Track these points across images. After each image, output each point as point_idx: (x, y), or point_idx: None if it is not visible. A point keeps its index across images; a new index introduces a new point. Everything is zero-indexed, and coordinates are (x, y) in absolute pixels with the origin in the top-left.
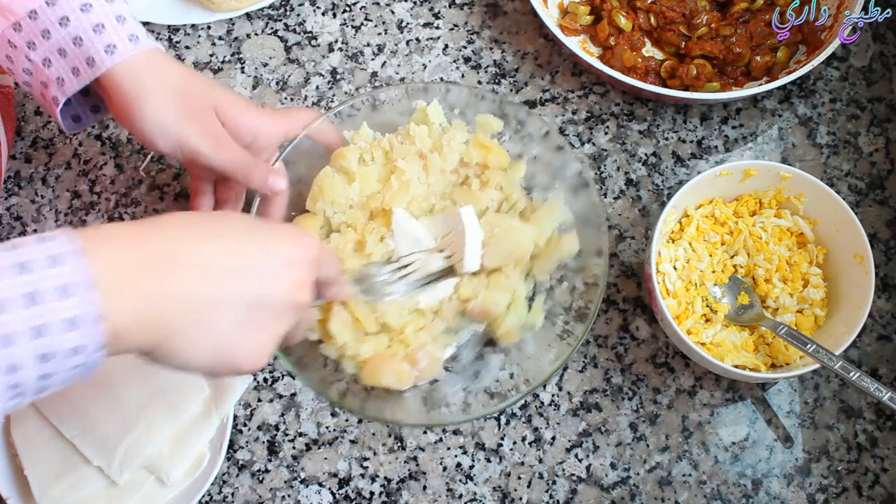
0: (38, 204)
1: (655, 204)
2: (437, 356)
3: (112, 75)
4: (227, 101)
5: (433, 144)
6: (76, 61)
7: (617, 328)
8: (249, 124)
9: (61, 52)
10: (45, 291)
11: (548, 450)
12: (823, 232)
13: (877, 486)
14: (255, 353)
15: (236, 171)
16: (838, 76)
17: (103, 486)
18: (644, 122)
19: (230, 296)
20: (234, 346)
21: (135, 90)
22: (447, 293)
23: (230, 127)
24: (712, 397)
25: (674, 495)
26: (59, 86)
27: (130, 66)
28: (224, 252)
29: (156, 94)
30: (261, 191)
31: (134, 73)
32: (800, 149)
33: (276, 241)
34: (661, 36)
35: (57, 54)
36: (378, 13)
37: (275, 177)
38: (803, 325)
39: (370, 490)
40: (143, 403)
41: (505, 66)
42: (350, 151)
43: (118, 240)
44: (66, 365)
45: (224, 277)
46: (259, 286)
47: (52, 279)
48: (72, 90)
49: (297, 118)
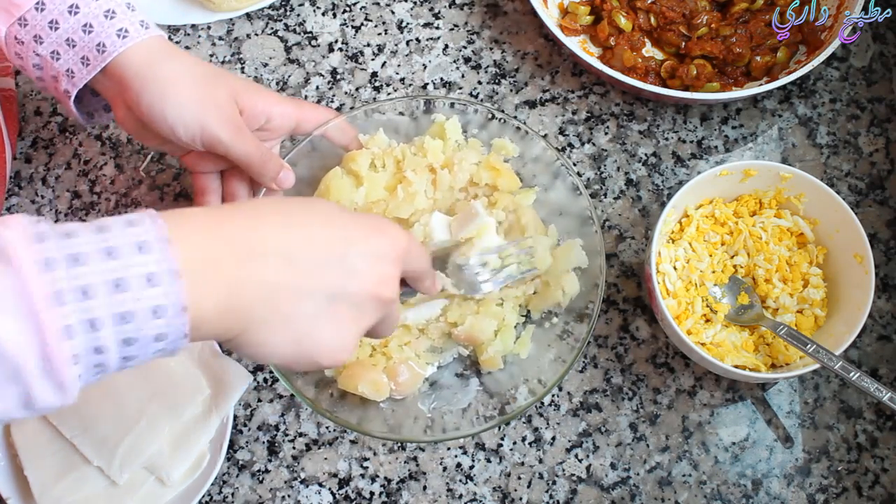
0: (38, 204)
1: (655, 204)
2: (419, 372)
3: (125, 61)
4: (242, 88)
5: (445, 161)
6: (85, 49)
7: (617, 328)
8: (263, 106)
9: (69, 42)
10: (131, 279)
11: (548, 450)
12: (823, 232)
13: (877, 486)
14: (336, 346)
15: (252, 161)
16: (838, 76)
17: (103, 486)
18: (644, 122)
19: (311, 286)
20: (314, 338)
21: (154, 74)
22: (435, 313)
23: (246, 112)
24: (712, 397)
25: (674, 495)
26: (70, 78)
27: (145, 50)
28: (309, 241)
29: (178, 78)
30: (269, 184)
31: (149, 57)
32: (800, 149)
33: (363, 233)
34: (661, 36)
35: (65, 45)
36: (378, 13)
37: (286, 172)
38: (803, 325)
39: (370, 490)
40: (143, 403)
41: (505, 66)
42: (362, 156)
43: (204, 226)
44: (149, 350)
45: (307, 267)
46: (342, 278)
47: (139, 267)
48: (82, 81)
49: (310, 107)
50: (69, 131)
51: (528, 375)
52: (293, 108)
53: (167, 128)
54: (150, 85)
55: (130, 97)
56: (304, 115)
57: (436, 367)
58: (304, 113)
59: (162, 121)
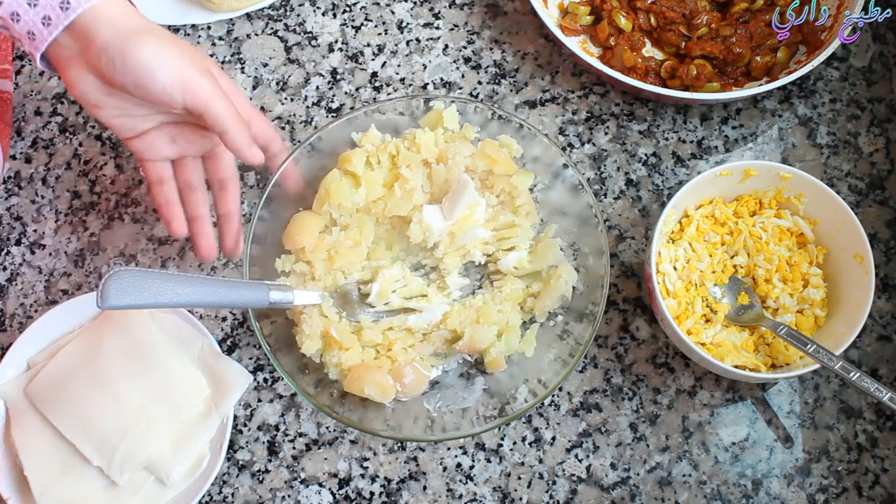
0: (38, 204)
1: (655, 204)
2: (424, 373)
3: (94, 14)
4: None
5: (439, 154)
6: (48, 9)
7: (617, 328)
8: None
9: (31, 3)
10: None
11: (548, 450)
12: (823, 232)
13: (877, 486)
14: None
15: (229, 120)
16: (838, 76)
17: (103, 486)
18: (644, 122)
19: None
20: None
21: (128, 24)
22: (436, 318)
23: None
24: (712, 397)
25: (674, 495)
26: (31, 41)
27: (114, 6)
28: None
29: (155, 28)
30: (244, 152)
31: (123, 10)
32: (800, 149)
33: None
34: (661, 36)
35: (26, 6)
36: (378, 13)
37: (258, 150)
38: (803, 325)
39: (370, 490)
40: (143, 403)
41: (505, 66)
42: (357, 155)
43: None
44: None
45: None
46: None
47: None
48: (44, 43)
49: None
50: (69, 131)
51: (528, 375)
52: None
53: (144, 75)
54: (125, 33)
55: (94, 53)
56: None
57: (440, 370)
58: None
59: (138, 67)
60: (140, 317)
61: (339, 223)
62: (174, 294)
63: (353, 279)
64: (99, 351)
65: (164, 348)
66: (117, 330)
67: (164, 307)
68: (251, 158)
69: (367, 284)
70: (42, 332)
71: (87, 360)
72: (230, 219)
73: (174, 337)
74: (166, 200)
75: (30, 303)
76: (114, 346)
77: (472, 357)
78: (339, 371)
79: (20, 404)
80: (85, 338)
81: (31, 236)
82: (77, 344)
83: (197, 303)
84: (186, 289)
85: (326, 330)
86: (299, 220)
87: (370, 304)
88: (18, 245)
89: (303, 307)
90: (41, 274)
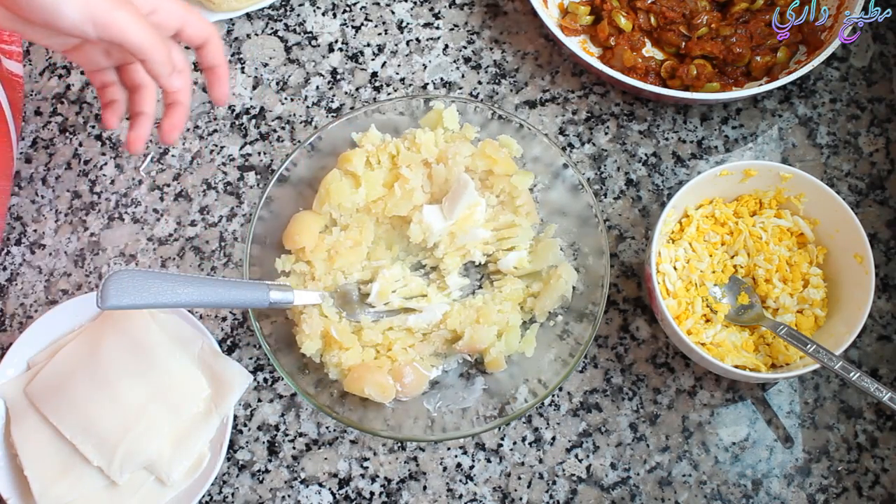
0: (38, 204)
1: (655, 204)
2: (424, 373)
3: None
4: None
5: (439, 154)
6: None
7: (617, 328)
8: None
9: None
10: None
11: (548, 450)
12: (823, 232)
13: (877, 486)
14: None
15: (152, 48)
16: (838, 76)
17: (103, 486)
18: (644, 122)
19: None
20: None
21: None
22: (436, 318)
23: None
24: (712, 397)
25: (674, 495)
26: None
27: None
28: None
29: None
30: (167, 81)
31: None
32: (800, 149)
33: None
34: (661, 36)
35: None
36: (378, 13)
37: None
38: (803, 325)
39: (370, 490)
40: (143, 403)
41: (505, 66)
42: (357, 155)
43: None
44: None
45: None
46: None
47: None
48: None
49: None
50: (69, 131)
51: (528, 375)
52: (181, 9)
53: (50, 11)
54: None
55: None
56: (189, 19)
57: (440, 370)
58: (190, 17)
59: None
60: (140, 317)
61: (340, 223)
62: (174, 294)
63: (353, 279)
64: (99, 351)
65: (164, 348)
66: (117, 330)
67: (164, 307)
68: (169, 86)
69: (367, 284)
70: (42, 332)
71: (87, 360)
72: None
73: (174, 337)
74: (109, 101)
75: (30, 303)
76: (114, 346)
77: (472, 357)
78: (339, 371)
79: (20, 404)
80: (85, 338)
81: (31, 236)
82: (77, 344)
83: (197, 303)
84: (186, 289)
85: (326, 330)
86: (299, 220)
87: (370, 304)
88: (18, 245)
89: (303, 307)
90: (41, 274)
